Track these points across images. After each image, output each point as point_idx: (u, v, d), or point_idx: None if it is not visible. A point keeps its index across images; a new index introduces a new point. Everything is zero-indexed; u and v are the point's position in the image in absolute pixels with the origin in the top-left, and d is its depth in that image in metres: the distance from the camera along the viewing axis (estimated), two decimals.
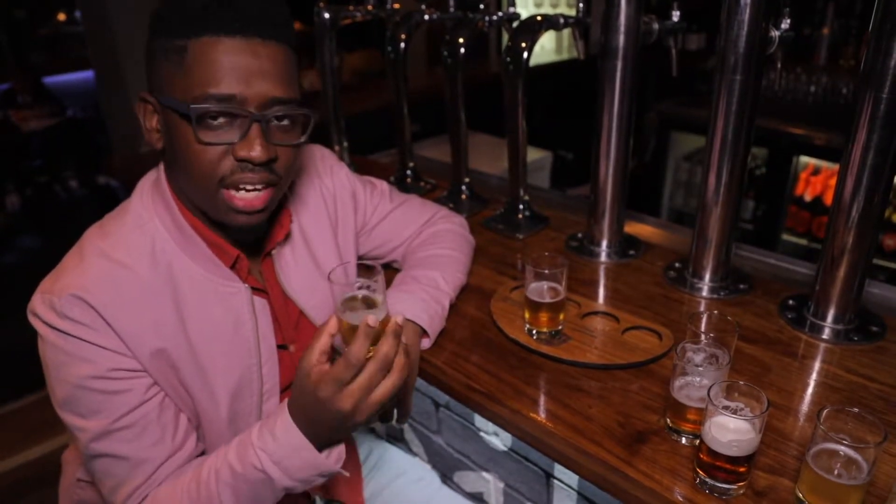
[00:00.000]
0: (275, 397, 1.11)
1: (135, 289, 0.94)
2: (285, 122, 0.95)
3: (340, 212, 1.27)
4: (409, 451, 1.64)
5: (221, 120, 0.89)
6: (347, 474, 0.98)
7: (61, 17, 7.04)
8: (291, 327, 1.15)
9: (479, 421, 1.39)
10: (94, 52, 2.74)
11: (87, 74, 6.11)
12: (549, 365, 1.17)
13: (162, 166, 1.03)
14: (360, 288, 0.93)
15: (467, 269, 1.38)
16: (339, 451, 0.94)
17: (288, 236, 1.14)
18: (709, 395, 0.86)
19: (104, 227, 0.99)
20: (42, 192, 4.98)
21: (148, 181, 1.03)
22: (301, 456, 0.90)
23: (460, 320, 1.32)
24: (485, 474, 1.47)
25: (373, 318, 0.85)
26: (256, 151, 0.90)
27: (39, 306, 0.91)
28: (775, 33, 1.26)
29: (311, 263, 1.17)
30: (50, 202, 4.95)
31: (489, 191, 1.95)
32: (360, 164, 2.23)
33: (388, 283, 1.30)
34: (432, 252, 1.32)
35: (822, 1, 3.61)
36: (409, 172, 2.01)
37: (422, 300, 1.19)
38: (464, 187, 1.86)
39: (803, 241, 3.47)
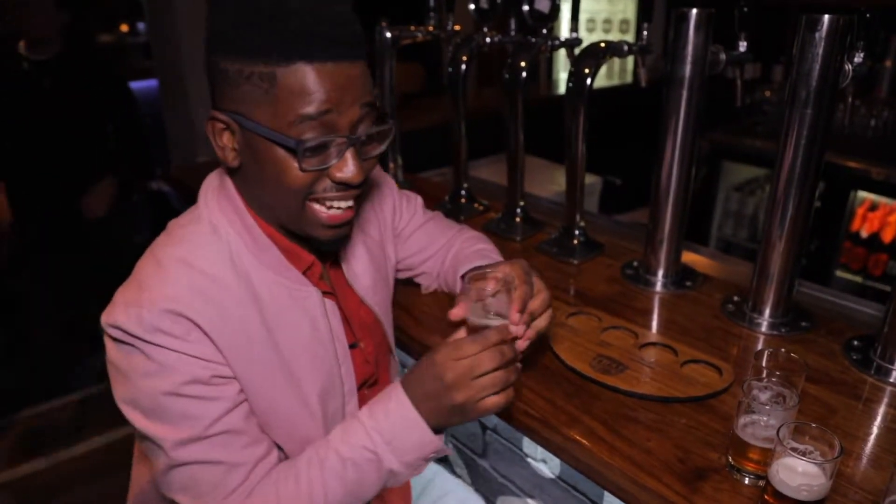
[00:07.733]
0: (354, 398, 1.11)
1: (224, 297, 0.93)
2: (375, 141, 0.97)
3: (388, 216, 1.31)
4: (452, 472, 1.63)
5: (321, 147, 0.90)
6: (452, 451, 1.00)
7: (124, 27, 7.27)
8: (358, 326, 1.15)
9: (528, 446, 1.37)
10: (159, 62, 2.82)
11: (144, 84, 6.29)
12: (605, 394, 1.16)
13: (223, 173, 1.02)
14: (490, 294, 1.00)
15: None
16: (442, 436, 0.97)
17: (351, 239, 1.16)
18: (778, 435, 0.83)
19: (175, 234, 0.97)
20: None
21: (211, 188, 1.01)
22: (412, 435, 0.93)
23: None
24: (529, 501, 1.44)
25: (514, 328, 0.97)
26: (355, 174, 0.91)
27: (124, 319, 0.87)
28: (849, 67, 1.24)
29: (371, 265, 1.19)
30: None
31: (540, 214, 1.95)
32: (413, 182, 2.25)
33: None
34: (480, 247, 1.35)
35: (884, 33, 3.53)
36: (463, 192, 2.02)
37: None
38: (518, 210, 1.85)
39: (858, 279, 3.36)
